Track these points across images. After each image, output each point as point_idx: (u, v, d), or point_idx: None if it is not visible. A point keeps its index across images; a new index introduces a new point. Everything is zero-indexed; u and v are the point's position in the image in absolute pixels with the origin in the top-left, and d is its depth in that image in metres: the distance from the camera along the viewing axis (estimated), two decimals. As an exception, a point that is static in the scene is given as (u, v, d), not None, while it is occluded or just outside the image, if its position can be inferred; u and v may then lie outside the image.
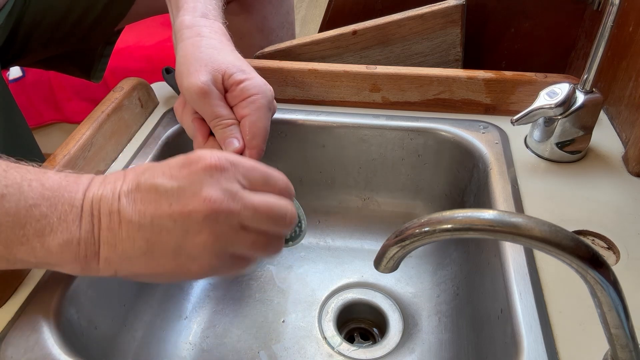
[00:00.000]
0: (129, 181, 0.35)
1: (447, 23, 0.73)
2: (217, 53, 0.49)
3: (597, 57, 0.51)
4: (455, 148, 0.61)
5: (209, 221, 0.33)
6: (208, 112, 0.48)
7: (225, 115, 0.48)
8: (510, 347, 0.40)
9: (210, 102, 0.47)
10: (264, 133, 0.48)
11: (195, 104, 0.48)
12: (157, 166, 0.36)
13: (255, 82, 0.48)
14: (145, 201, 0.34)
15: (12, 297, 0.44)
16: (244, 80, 0.48)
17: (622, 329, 0.30)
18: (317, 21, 1.79)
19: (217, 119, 0.48)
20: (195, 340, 0.57)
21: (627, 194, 0.52)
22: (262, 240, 0.36)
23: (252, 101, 0.48)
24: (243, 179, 0.36)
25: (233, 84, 0.48)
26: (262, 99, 0.48)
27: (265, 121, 0.48)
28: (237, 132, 0.48)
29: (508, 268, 0.45)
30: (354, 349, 0.56)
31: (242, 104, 0.48)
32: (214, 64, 0.48)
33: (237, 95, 0.48)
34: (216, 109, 0.48)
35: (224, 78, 0.48)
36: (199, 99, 0.47)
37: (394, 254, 0.32)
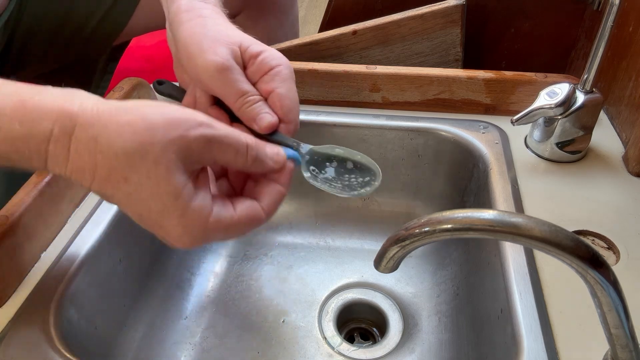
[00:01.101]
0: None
1: (447, 23, 0.73)
2: (226, 29, 0.44)
3: (597, 57, 0.51)
4: (455, 148, 0.61)
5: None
6: (232, 90, 0.42)
7: (252, 91, 0.42)
8: (510, 347, 0.40)
9: (233, 78, 0.41)
10: (297, 105, 0.43)
11: (214, 84, 0.42)
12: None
13: (274, 53, 0.43)
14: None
15: (12, 297, 0.44)
16: (261, 52, 0.43)
17: (622, 329, 0.30)
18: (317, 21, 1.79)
19: (244, 96, 0.42)
20: (195, 340, 0.57)
21: (627, 194, 0.52)
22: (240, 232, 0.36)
23: (275, 73, 0.42)
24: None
25: (251, 57, 0.43)
26: (285, 69, 0.43)
27: (295, 93, 0.43)
28: (267, 107, 0.42)
29: (508, 268, 0.45)
30: (354, 349, 0.56)
31: (264, 78, 0.43)
32: (228, 39, 0.42)
33: (257, 70, 0.43)
34: (241, 85, 0.42)
35: (241, 51, 0.43)
36: (219, 77, 0.41)
37: (394, 254, 0.32)
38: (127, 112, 0.31)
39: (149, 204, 0.32)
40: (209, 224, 0.33)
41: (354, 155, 0.43)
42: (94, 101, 0.32)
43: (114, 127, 0.31)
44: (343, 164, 0.43)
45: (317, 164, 0.43)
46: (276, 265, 0.65)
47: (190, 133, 0.32)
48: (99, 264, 0.49)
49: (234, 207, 0.35)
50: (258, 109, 0.42)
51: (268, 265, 0.65)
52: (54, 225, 0.49)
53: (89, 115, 0.31)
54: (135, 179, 0.31)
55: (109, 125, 0.31)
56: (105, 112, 0.31)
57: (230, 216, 0.34)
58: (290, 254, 0.66)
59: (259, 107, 0.42)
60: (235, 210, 0.35)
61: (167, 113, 0.32)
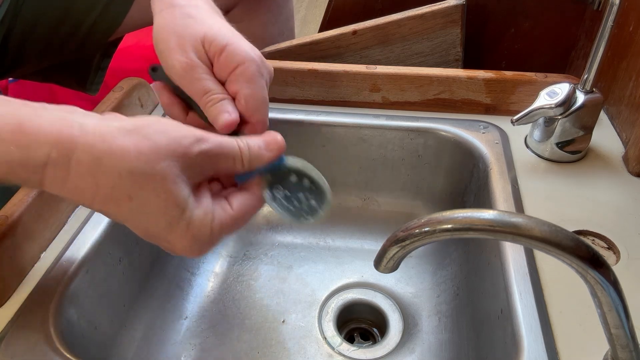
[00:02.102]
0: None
1: (447, 23, 0.73)
2: (193, 22, 0.43)
3: (597, 57, 0.51)
4: (455, 148, 0.61)
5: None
6: (196, 88, 0.42)
7: (215, 89, 0.42)
8: (510, 347, 0.40)
9: (197, 77, 0.42)
10: (264, 104, 0.43)
11: (181, 82, 0.43)
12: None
13: (239, 49, 0.42)
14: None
15: (12, 297, 0.44)
16: (225, 47, 0.42)
17: (622, 329, 0.30)
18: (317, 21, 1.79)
19: (207, 94, 0.42)
20: (195, 340, 0.57)
21: (627, 194, 0.52)
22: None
23: (240, 73, 0.42)
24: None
25: (215, 53, 0.42)
26: (250, 67, 0.42)
27: (261, 91, 0.43)
28: (229, 105, 0.42)
29: (508, 268, 0.45)
30: (354, 349, 0.56)
31: (230, 78, 0.43)
32: (193, 35, 0.42)
33: (223, 67, 0.43)
34: (204, 83, 0.42)
35: (205, 47, 0.42)
36: (185, 76, 0.42)
37: (394, 254, 0.32)
38: (130, 134, 0.32)
39: (156, 219, 0.32)
40: (214, 229, 0.34)
41: (310, 170, 0.40)
42: (94, 122, 0.32)
43: (118, 149, 0.31)
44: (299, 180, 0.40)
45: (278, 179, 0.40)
46: (276, 265, 0.65)
47: (191, 149, 0.33)
48: (99, 264, 0.48)
49: (230, 204, 0.36)
50: (220, 107, 0.42)
51: (268, 265, 0.65)
52: (53, 225, 0.49)
53: (90, 137, 0.31)
54: (140, 196, 0.31)
55: (114, 148, 0.31)
56: (107, 134, 0.31)
57: (230, 215, 0.35)
58: (290, 254, 0.66)
59: (220, 106, 0.42)
60: (232, 207, 0.36)
61: (168, 132, 0.33)
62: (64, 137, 0.30)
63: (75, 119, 0.31)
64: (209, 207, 0.34)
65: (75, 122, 0.31)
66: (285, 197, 0.39)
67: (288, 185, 0.40)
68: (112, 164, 0.31)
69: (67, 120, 0.31)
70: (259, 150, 0.37)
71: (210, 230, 0.34)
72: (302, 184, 0.40)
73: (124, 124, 0.32)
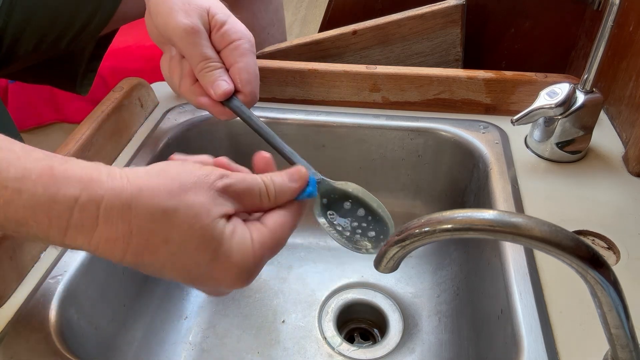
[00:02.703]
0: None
1: (447, 23, 0.73)
2: None
3: (597, 57, 0.51)
4: (455, 148, 0.61)
5: None
6: (196, 53, 0.45)
7: (214, 58, 0.45)
8: (510, 347, 0.40)
9: (199, 42, 0.44)
10: (256, 78, 0.46)
11: (181, 44, 0.45)
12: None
13: (237, 27, 0.46)
14: None
15: (12, 297, 0.44)
16: (225, 23, 0.46)
17: (622, 329, 0.30)
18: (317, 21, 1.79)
19: (205, 60, 0.45)
20: (195, 340, 0.57)
21: (627, 194, 0.52)
22: None
23: (235, 47, 0.45)
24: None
25: (216, 25, 0.46)
26: (246, 44, 0.46)
27: (254, 66, 0.46)
28: (225, 75, 0.45)
29: (508, 268, 0.45)
30: (354, 349, 0.56)
31: (225, 51, 0.46)
32: (197, 2, 0.45)
33: (220, 40, 0.46)
34: (205, 50, 0.45)
35: (208, 17, 0.46)
36: (186, 39, 0.44)
37: (394, 254, 0.32)
38: (158, 176, 0.31)
39: (196, 258, 0.31)
40: (255, 251, 0.33)
41: (371, 201, 0.39)
42: (119, 170, 0.31)
43: (148, 190, 0.30)
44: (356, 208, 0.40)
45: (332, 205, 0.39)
46: (276, 265, 0.65)
47: (217, 184, 0.32)
48: (99, 264, 0.48)
49: (263, 224, 0.35)
50: (216, 75, 0.45)
51: (268, 265, 0.64)
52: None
53: (118, 182, 0.30)
54: (177, 237, 0.30)
55: (143, 189, 0.30)
56: (136, 178, 0.31)
57: (266, 234, 0.34)
58: (290, 254, 0.66)
59: (217, 74, 0.45)
60: (267, 226, 0.35)
61: (193, 172, 0.32)
62: (93, 181, 0.29)
63: (102, 167, 0.31)
64: (245, 232, 0.33)
65: (103, 169, 0.31)
66: (340, 224, 0.39)
67: (343, 212, 0.39)
68: (143, 205, 0.30)
69: (96, 167, 0.30)
70: (283, 182, 0.36)
71: (252, 254, 0.33)
72: (357, 212, 0.39)
73: (148, 169, 0.32)
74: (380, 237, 0.39)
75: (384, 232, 0.39)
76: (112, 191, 0.29)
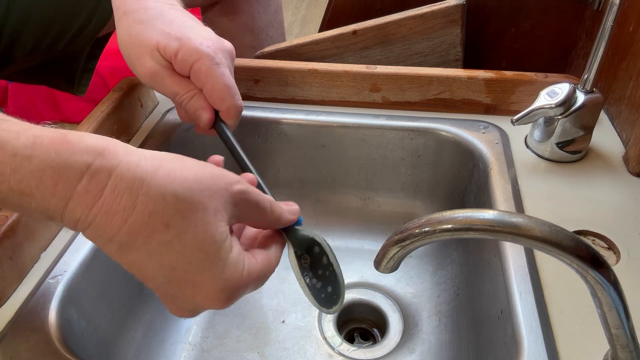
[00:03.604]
0: None
1: (447, 23, 0.73)
2: (144, 29, 0.45)
3: (598, 57, 0.51)
4: (455, 148, 0.61)
5: None
6: (167, 92, 0.47)
7: (182, 90, 0.46)
8: (510, 347, 0.40)
9: (163, 83, 0.45)
10: (228, 91, 0.45)
11: (153, 87, 0.47)
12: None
13: (192, 48, 0.44)
14: None
15: (12, 297, 0.44)
16: (178, 50, 0.44)
17: (622, 329, 0.30)
18: (317, 21, 1.79)
19: (177, 96, 0.46)
20: (195, 340, 0.57)
21: (628, 194, 0.52)
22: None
23: (196, 70, 0.45)
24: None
25: (171, 56, 0.45)
26: (205, 62, 0.44)
27: (221, 79, 0.45)
28: (201, 100, 0.46)
29: (508, 268, 0.45)
30: (354, 349, 0.56)
31: (191, 75, 0.46)
32: (146, 43, 0.45)
33: (181, 66, 0.45)
34: (171, 87, 0.46)
35: (160, 53, 0.45)
36: (153, 83, 0.46)
37: (394, 254, 0.32)
38: (175, 160, 0.31)
39: (190, 254, 0.30)
40: (244, 276, 0.32)
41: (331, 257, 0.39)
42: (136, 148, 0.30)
43: (164, 171, 0.29)
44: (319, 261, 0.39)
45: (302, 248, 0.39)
46: (276, 265, 0.65)
47: (233, 187, 0.32)
48: (99, 264, 0.48)
49: (254, 257, 0.34)
50: (193, 105, 0.46)
51: (268, 265, 0.65)
52: (53, 225, 0.49)
53: (135, 157, 0.29)
54: (178, 226, 0.29)
55: (160, 169, 0.29)
56: (153, 158, 0.30)
57: (257, 266, 0.34)
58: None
59: (193, 103, 0.46)
60: (256, 259, 0.34)
61: (209, 167, 0.32)
62: (109, 151, 0.28)
63: (119, 142, 0.30)
64: (241, 254, 0.32)
65: (120, 143, 0.30)
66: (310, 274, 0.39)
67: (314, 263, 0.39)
68: (157, 184, 0.28)
69: (112, 140, 0.29)
70: (281, 210, 0.36)
71: (241, 276, 0.32)
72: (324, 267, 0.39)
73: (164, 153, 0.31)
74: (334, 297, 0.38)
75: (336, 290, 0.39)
76: (127, 164, 0.28)
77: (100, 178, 0.28)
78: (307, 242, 0.38)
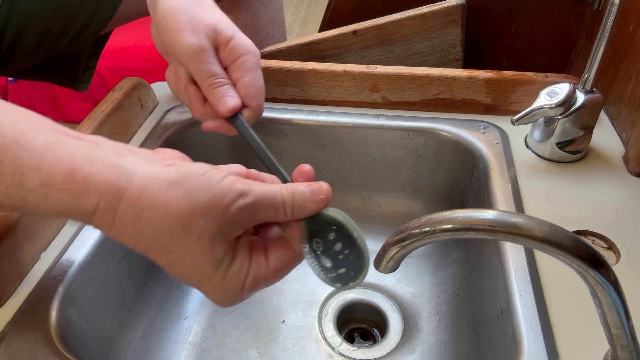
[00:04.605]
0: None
1: (447, 23, 0.73)
2: (201, 9, 0.47)
3: (598, 57, 0.51)
4: (455, 148, 0.61)
5: None
6: (203, 70, 0.46)
7: (221, 74, 0.46)
8: (510, 347, 0.40)
9: (206, 60, 0.45)
10: (262, 92, 0.47)
11: (189, 63, 0.46)
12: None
13: (243, 42, 0.47)
14: None
15: (12, 297, 0.44)
16: (231, 39, 0.46)
17: (622, 329, 0.30)
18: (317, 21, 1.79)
19: (212, 77, 0.46)
20: (195, 340, 0.57)
21: (628, 194, 0.52)
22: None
23: (242, 62, 0.46)
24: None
25: (223, 42, 0.47)
26: (252, 58, 0.47)
27: (260, 80, 0.47)
28: (232, 91, 0.46)
29: (508, 268, 0.45)
30: (354, 349, 0.56)
31: (232, 67, 0.47)
32: (204, 21, 0.46)
33: (228, 56, 0.47)
34: (212, 67, 0.46)
35: (215, 35, 0.46)
36: (194, 58, 0.45)
37: (394, 254, 0.32)
38: (174, 188, 0.32)
39: (191, 273, 0.33)
40: (246, 285, 0.34)
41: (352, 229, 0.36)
42: (142, 171, 0.32)
43: (161, 205, 0.31)
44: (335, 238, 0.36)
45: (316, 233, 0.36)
46: (276, 265, 0.65)
47: (232, 207, 0.32)
48: (98, 264, 0.48)
49: (267, 259, 0.35)
50: (224, 91, 0.46)
51: (268, 265, 0.65)
52: (53, 225, 0.49)
53: (135, 191, 0.31)
54: (177, 252, 0.32)
55: (157, 203, 0.31)
56: (153, 187, 0.31)
57: (264, 273, 0.35)
58: (290, 254, 0.66)
59: (224, 90, 0.46)
60: (268, 264, 0.35)
61: (211, 187, 0.32)
62: (111, 189, 0.31)
63: (124, 166, 0.32)
64: (244, 264, 0.34)
65: (124, 171, 0.31)
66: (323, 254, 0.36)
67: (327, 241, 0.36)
68: (152, 218, 0.31)
69: (116, 169, 0.31)
70: (304, 201, 0.35)
71: (241, 287, 0.34)
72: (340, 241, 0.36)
73: (170, 174, 0.32)
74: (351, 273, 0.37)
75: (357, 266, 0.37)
76: (127, 200, 0.31)
77: (109, 214, 0.31)
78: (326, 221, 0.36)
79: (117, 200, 0.31)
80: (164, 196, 0.31)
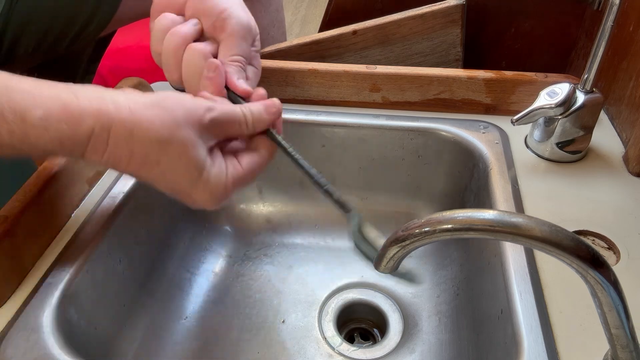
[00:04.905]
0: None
1: (447, 23, 0.73)
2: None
3: (598, 57, 0.51)
4: (455, 148, 0.61)
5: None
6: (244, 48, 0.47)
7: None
8: (510, 347, 0.40)
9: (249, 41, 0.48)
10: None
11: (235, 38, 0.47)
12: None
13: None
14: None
15: (12, 297, 0.44)
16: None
17: (622, 329, 0.30)
18: (317, 21, 1.79)
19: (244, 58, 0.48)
20: (195, 340, 0.57)
21: (627, 194, 0.52)
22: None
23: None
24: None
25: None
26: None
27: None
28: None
29: (508, 268, 0.45)
30: (354, 349, 0.56)
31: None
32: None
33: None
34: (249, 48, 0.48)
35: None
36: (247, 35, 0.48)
37: (394, 254, 0.32)
38: (153, 107, 0.37)
39: (180, 179, 0.38)
40: (227, 184, 0.40)
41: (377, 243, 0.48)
42: (123, 99, 0.37)
43: (145, 121, 0.36)
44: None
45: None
46: (276, 265, 0.65)
47: (204, 118, 0.38)
48: (99, 264, 0.49)
49: (239, 162, 0.41)
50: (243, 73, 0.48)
51: (268, 265, 0.65)
52: (54, 225, 0.49)
53: (124, 114, 0.36)
54: (165, 161, 0.37)
55: (142, 120, 0.36)
56: (137, 110, 0.36)
57: (241, 172, 0.41)
58: (290, 254, 0.66)
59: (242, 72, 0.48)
60: (242, 165, 0.41)
61: (184, 103, 0.38)
62: (102, 114, 0.35)
63: (107, 97, 0.36)
64: (222, 166, 0.40)
65: (109, 99, 0.36)
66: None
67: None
68: (142, 134, 0.36)
69: (102, 99, 0.36)
70: (260, 114, 0.42)
71: (224, 185, 0.40)
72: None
73: (146, 100, 0.37)
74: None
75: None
76: (119, 122, 0.36)
77: (103, 137, 0.36)
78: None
79: (110, 123, 0.35)
80: (148, 115, 0.37)
